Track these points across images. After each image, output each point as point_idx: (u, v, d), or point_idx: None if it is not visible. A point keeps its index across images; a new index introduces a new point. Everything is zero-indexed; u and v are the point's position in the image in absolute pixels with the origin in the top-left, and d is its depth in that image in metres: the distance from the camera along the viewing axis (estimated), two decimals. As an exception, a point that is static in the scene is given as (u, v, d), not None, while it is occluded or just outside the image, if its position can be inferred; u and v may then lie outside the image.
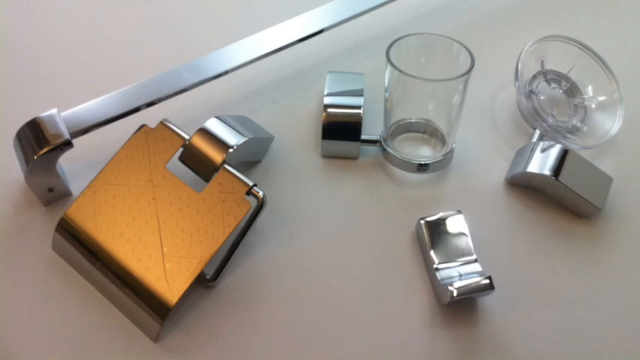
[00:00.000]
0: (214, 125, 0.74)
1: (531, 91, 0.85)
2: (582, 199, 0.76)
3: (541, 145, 0.78)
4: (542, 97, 0.85)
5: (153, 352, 0.67)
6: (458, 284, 0.67)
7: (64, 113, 0.75)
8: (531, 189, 0.80)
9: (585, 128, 0.84)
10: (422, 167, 0.79)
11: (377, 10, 0.90)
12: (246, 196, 0.70)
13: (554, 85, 0.88)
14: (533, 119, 0.83)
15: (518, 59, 0.85)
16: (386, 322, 0.69)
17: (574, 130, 0.84)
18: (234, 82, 0.89)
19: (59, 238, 0.71)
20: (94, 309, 0.69)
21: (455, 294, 0.67)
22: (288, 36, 0.85)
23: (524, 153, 0.80)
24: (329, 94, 0.82)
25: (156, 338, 0.67)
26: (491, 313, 0.70)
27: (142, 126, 0.75)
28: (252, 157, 0.82)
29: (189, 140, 0.73)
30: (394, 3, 0.92)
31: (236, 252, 0.71)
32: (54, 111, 0.75)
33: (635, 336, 0.70)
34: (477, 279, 0.68)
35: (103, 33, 0.98)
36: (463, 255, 0.71)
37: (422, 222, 0.73)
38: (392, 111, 0.80)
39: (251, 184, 0.70)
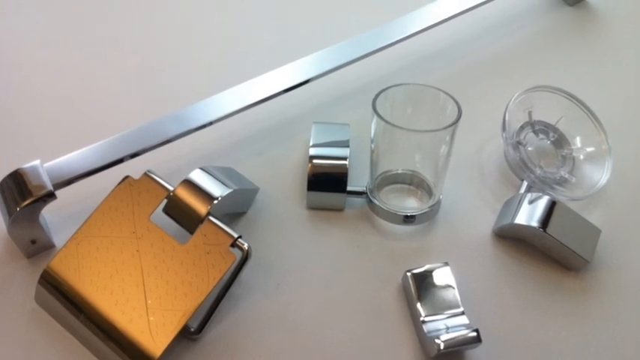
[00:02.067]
0: (199, 176, 0.77)
1: (519, 142, 0.87)
2: (570, 252, 0.78)
3: (529, 196, 0.81)
4: (529, 148, 0.88)
5: (136, 406, 0.68)
6: (445, 337, 0.69)
7: (47, 164, 0.77)
8: (519, 241, 0.83)
9: (573, 179, 0.87)
10: (408, 219, 0.82)
11: (363, 60, 0.93)
12: (231, 248, 0.72)
13: (542, 136, 0.90)
14: (521, 170, 0.86)
15: (506, 110, 0.87)
16: (372, 376, 0.72)
17: (562, 182, 0.87)
18: (219, 133, 0.91)
19: (42, 290, 0.73)
20: (77, 362, 0.71)
21: (442, 347, 0.69)
22: (274, 86, 0.87)
23: (511, 204, 0.82)
24: (314, 145, 0.84)
25: (140, 392, 0.69)
26: (479, 366, 0.72)
27: (126, 177, 0.78)
28: (237, 208, 0.84)
29: (173, 192, 0.76)
30: (380, 53, 0.94)
31: (221, 304, 0.73)
32: (37, 162, 0.77)
33: (624, 389, 0.72)
34: (464, 332, 0.70)
35: (86, 83, 0.99)
36: (450, 307, 0.73)
37: (408, 274, 0.76)
38: (378, 162, 0.82)
39: (236, 235, 0.73)
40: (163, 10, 1.10)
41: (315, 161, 0.83)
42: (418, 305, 0.74)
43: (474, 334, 0.70)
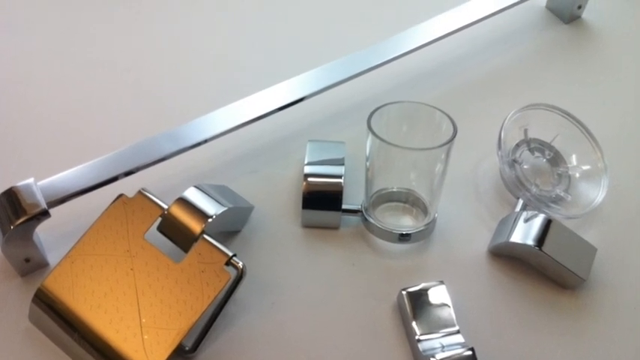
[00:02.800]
0: (193, 195, 0.78)
1: (514, 160, 0.88)
2: (566, 270, 0.79)
3: (524, 214, 0.82)
4: (525, 166, 0.89)
5: None
6: (440, 356, 0.70)
7: (41, 182, 0.78)
8: (514, 259, 0.83)
9: (569, 198, 0.88)
10: (404, 237, 0.83)
11: (358, 78, 0.93)
12: (225, 267, 0.73)
13: (537, 154, 0.91)
14: (517, 188, 0.86)
15: (501, 128, 0.87)
16: (367, 394, 0.72)
17: (558, 200, 0.87)
18: (214, 151, 0.92)
19: (36, 309, 0.74)
20: (71, 381, 0.72)
21: (437, 365, 0.70)
22: (269, 104, 0.88)
23: (507, 223, 0.83)
24: (309, 163, 0.85)
25: (134, 411, 0.70)
26: (474, 386, 0.73)
27: (120, 195, 0.79)
28: (231, 226, 0.85)
29: (167, 210, 0.77)
30: (375, 71, 0.94)
31: (215, 323, 0.74)
32: (31, 180, 0.77)
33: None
34: (459, 350, 0.71)
35: (80, 101, 1.00)
36: (445, 326, 0.74)
37: (404, 293, 0.77)
38: (373, 180, 0.83)
39: (230, 254, 0.74)
40: (158, 28, 1.11)
41: (310, 179, 0.84)
42: (413, 324, 0.75)
43: (470, 352, 0.71)
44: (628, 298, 0.82)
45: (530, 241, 0.79)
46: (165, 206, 0.77)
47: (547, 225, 0.81)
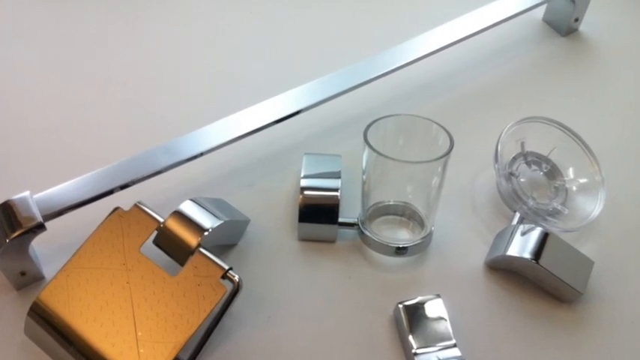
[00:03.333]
0: (189, 208, 0.78)
1: (511, 174, 0.89)
2: (563, 283, 0.79)
3: (521, 228, 0.82)
4: (522, 180, 0.90)
5: None
6: (437, 369, 0.71)
7: (36, 196, 0.78)
8: (511, 273, 0.84)
9: (566, 211, 0.88)
10: (400, 250, 0.83)
11: (355, 91, 0.94)
12: (221, 280, 0.74)
13: (534, 167, 0.92)
14: (513, 202, 0.87)
15: (498, 141, 0.88)
16: (364, 408, 0.73)
17: (555, 213, 0.88)
18: (210, 164, 0.92)
19: (32, 322, 0.75)
20: (66, 395, 0.72)
21: (434, 379, 0.70)
22: (265, 117, 0.89)
23: (503, 236, 0.83)
24: (306, 177, 0.85)
25: None
26: (471, 399, 0.74)
27: (116, 209, 0.79)
28: (227, 240, 0.85)
29: (163, 223, 0.77)
30: (372, 84, 0.95)
31: (212, 336, 0.74)
32: (26, 193, 0.78)
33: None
34: (456, 364, 0.72)
35: (76, 114, 1.00)
36: (442, 340, 0.75)
37: (400, 306, 0.77)
38: (370, 193, 0.84)
39: (226, 267, 0.74)
40: (154, 41, 1.12)
41: (306, 192, 0.84)
42: (410, 337, 0.75)
43: (466, 366, 0.72)
44: (625, 311, 0.83)
45: (527, 255, 0.80)
46: (161, 219, 0.78)
47: (544, 238, 0.81)
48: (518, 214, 0.87)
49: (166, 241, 0.77)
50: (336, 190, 0.84)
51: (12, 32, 1.12)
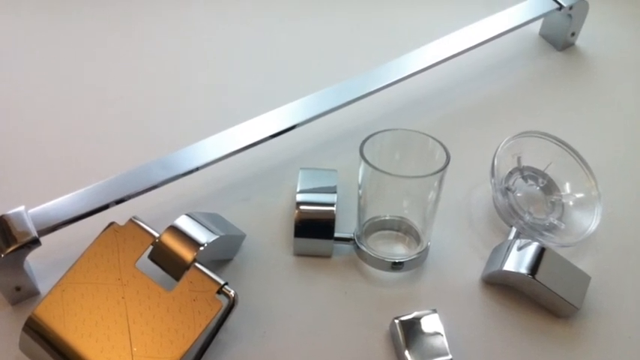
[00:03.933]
0: (185, 223, 0.79)
1: (508, 188, 0.89)
2: (560, 299, 0.80)
3: (517, 243, 0.83)
4: (518, 194, 0.90)
5: None
6: (433, 384, 0.71)
7: (31, 210, 0.79)
8: (508, 287, 0.84)
9: (563, 226, 0.89)
10: (396, 266, 0.83)
11: (350, 106, 0.95)
12: (217, 295, 0.74)
13: (531, 181, 0.92)
14: (510, 217, 0.88)
15: (495, 155, 0.89)
16: None
17: (551, 228, 0.88)
18: (205, 179, 0.93)
19: (27, 337, 0.75)
20: (60, 411, 0.72)
21: (429, 394, 0.71)
22: (260, 132, 0.89)
23: (500, 251, 0.84)
24: (301, 192, 0.86)
25: None
26: (467, 414, 0.74)
27: (111, 223, 0.80)
28: (223, 255, 0.86)
29: (159, 238, 0.78)
30: (368, 98, 0.96)
31: (207, 352, 0.74)
32: (21, 208, 0.79)
33: None
34: (452, 379, 0.72)
35: (72, 128, 1.00)
36: (438, 355, 0.75)
37: (396, 321, 0.77)
38: (366, 208, 0.84)
39: (222, 282, 0.75)
40: (150, 55, 1.12)
41: (302, 207, 0.85)
42: (406, 353, 0.75)
43: (463, 381, 0.72)
44: (622, 326, 0.83)
45: (523, 270, 0.80)
46: (157, 234, 0.78)
47: (540, 253, 0.82)
48: (514, 229, 0.87)
49: (162, 256, 0.78)
50: (332, 205, 0.85)
51: (8, 47, 1.12)
